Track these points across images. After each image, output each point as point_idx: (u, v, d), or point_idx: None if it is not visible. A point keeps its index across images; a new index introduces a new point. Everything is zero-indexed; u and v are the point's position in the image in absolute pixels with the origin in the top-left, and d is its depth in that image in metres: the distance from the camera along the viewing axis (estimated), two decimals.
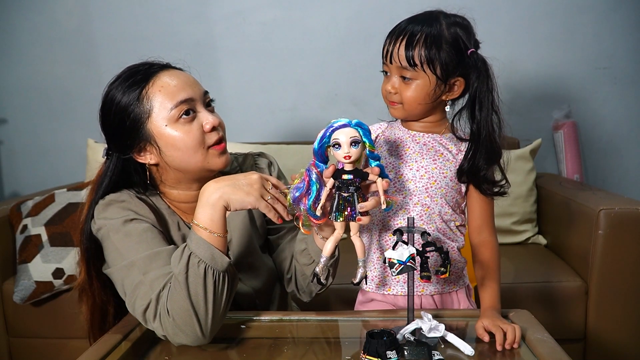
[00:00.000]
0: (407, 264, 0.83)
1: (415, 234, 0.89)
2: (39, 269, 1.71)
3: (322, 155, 0.86)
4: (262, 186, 0.88)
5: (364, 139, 0.84)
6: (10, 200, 2.02)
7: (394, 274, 0.84)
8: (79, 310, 1.08)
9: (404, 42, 0.99)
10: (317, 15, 2.38)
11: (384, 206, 0.86)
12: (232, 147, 1.30)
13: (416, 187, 1.04)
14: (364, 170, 0.87)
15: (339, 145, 0.82)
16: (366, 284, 1.09)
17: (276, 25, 2.40)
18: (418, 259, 0.85)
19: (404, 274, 0.87)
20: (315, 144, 0.85)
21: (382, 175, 0.87)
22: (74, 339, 1.67)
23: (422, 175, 1.04)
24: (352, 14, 2.36)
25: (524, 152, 2.07)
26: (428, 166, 1.04)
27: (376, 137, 1.12)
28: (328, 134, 0.84)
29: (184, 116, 0.97)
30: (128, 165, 1.02)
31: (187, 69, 1.06)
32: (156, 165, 1.02)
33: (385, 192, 0.87)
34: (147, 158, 1.00)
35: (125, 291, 0.94)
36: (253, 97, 2.46)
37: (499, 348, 0.88)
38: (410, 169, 1.05)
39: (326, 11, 2.38)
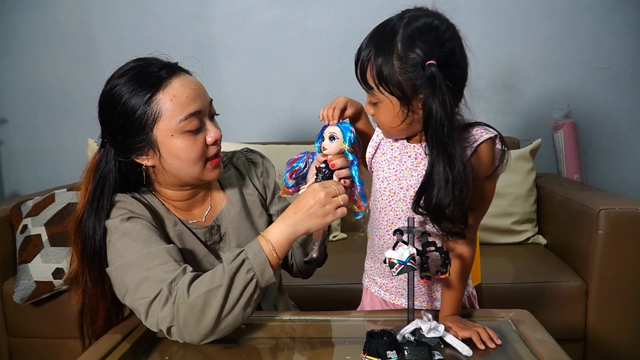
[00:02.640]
0: (407, 264, 0.83)
1: (415, 234, 0.89)
2: (39, 269, 1.71)
3: (319, 148, 1.00)
4: (331, 198, 0.92)
5: (343, 138, 0.96)
6: (10, 200, 2.02)
7: (394, 274, 0.84)
8: (75, 301, 1.04)
9: (359, 65, 0.92)
10: (317, 15, 2.39)
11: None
12: (232, 147, 1.31)
13: (408, 208, 0.99)
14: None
15: (323, 139, 0.97)
16: (311, 263, 1.07)
17: (276, 25, 2.41)
18: (418, 258, 0.85)
19: (404, 274, 0.87)
20: (315, 142, 1.00)
21: (351, 172, 0.98)
22: (74, 339, 1.66)
23: (411, 195, 0.97)
24: (352, 14, 2.36)
25: (524, 152, 2.07)
26: (417, 184, 0.94)
27: (381, 140, 1.07)
28: (321, 132, 0.99)
29: (191, 130, 0.97)
30: (126, 163, 1.02)
31: (198, 68, 1.05)
32: (152, 166, 1.02)
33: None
34: (145, 160, 1.00)
35: (127, 288, 0.93)
36: (253, 97, 2.46)
37: (481, 347, 0.89)
38: (401, 188, 1.00)
39: (326, 11, 2.38)
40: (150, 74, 0.96)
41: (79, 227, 0.99)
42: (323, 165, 0.96)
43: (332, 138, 0.95)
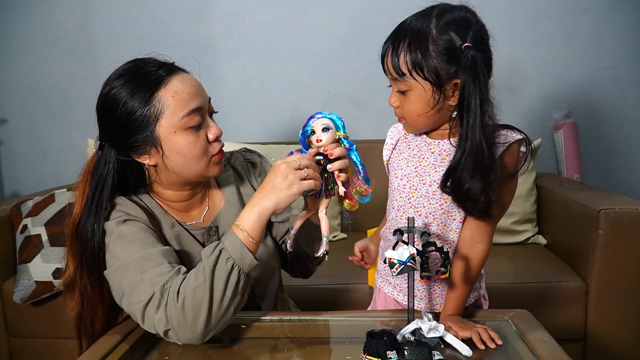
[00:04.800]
0: (407, 264, 0.83)
1: (415, 234, 0.89)
2: (39, 269, 1.71)
3: (305, 144, 0.98)
4: (294, 169, 0.91)
5: (336, 127, 0.95)
6: (10, 200, 2.02)
7: (394, 274, 0.84)
8: (72, 307, 1.03)
9: (390, 50, 0.93)
10: (317, 15, 2.38)
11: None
12: (232, 147, 1.30)
13: (430, 204, 1.00)
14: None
15: (314, 132, 0.94)
16: (326, 260, 1.03)
17: (276, 25, 2.40)
18: (418, 258, 0.85)
19: (404, 274, 0.87)
20: (299, 135, 0.97)
21: (352, 158, 0.97)
22: (74, 339, 1.67)
23: (434, 191, 0.99)
24: (352, 14, 2.36)
25: None
26: (439, 179, 0.97)
27: (397, 142, 1.08)
28: (308, 124, 0.96)
29: (194, 126, 0.97)
30: (125, 164, 1.01)
31: (196, 67, 1.05)
32: (154, 166, 1.01)
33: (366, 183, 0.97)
34: (147, 159, 1.00)
35: (123, 291, 0.93)
36: (253, 97, 2.46)
37: (481, 347, 0.89)
38: (424, 184, 1.00)
39: (326, 11, 2.38)
40: (149, 73, 0.96)
41: (77, 231, 0.98)
42: (320, 157, 0.95)
43: (325, 129, 0.94)
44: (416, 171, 1.02)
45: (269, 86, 2.45)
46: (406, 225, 0.89)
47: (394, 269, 0.84)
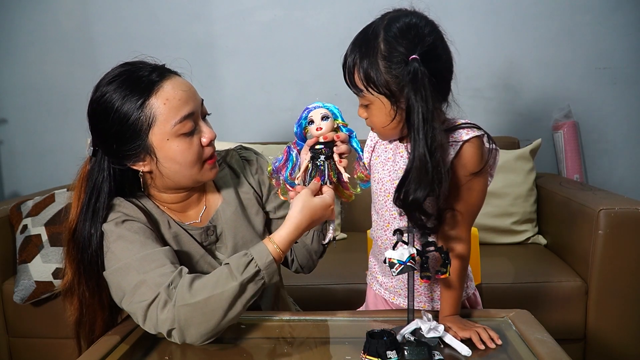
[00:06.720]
0: (407, 264, 0.83)
1: (415, 234, 0.89)
2: (39, 269, 1.71)
3: (301, 136, 1.00)
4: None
5: (334, 116, 0.96)
6: (10, 200, 2.02)
7: (394, 274, 0.84)
8: (71, 312, 1.03)
9: (347, 69, 0.95)
10: (317, 15, 2.39)
11: (341, 164, 0.96)
12: (231, 147, 1.30)
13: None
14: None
15: (313, 121, 0.96)
16: (334, 246, 1.06)
17: (276, 25, 2.40)
18: (418, 258, 0.85)
19: (404, 274, 0.87)
20: (295, 127, 0.99)
21: (352, 144, 0.97)
22: (74, 339, 1.67)
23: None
24: (352, 14, 2.36)
25: (524, 152, 2.07)
26: None
27: (375, 144, 1.09)
28: (304, 115, 0.97)
29: (186, 132, 0.97)
30: (120, 171, 1.01)
31: (187, 69, 1.03)
32: (149, 172, 1.01)
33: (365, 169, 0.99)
34: (142, 166, 0.99)
35: (124, 292, 0.92)
36: (253, 97, 2.46)
37: (480, 347, 0.89)
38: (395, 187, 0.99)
39: (326, 11, 2.38)
40: (140, 78, 0.95)
41: (74, 237, 0.98)
42: (321, 146, 0.95)
43: (324, 118, 0.95)
44: (389, 175, 1.02)
45: (269, 86, 2.45)
46: (404, 225, 0.89)
47: (394, 269, 0.84)
